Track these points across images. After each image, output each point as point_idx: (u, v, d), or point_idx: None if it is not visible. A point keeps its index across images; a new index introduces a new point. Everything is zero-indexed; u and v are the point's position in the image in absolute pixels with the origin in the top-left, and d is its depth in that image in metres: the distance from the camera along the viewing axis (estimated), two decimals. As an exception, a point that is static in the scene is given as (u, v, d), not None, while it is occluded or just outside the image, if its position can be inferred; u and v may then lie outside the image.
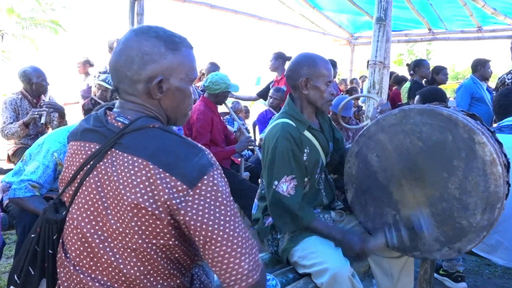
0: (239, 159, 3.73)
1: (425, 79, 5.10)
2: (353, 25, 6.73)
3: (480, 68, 4.71)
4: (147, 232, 0.95)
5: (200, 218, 0.92)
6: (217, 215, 0.93)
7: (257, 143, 3.89)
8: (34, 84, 3.36)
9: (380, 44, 2.38)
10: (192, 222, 0.92)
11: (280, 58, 4.76)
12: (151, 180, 0.92)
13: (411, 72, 5.17)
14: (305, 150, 1.76)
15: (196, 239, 0.94)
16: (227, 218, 0.94)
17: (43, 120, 3.21)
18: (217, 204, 0.93)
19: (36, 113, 3.16)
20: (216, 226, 0.92)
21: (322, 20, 6.44)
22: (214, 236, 0.92)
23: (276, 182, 1.70)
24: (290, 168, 1.70)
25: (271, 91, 4.69)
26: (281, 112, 1.86)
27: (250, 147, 3.50)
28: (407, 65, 5.58)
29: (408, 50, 24.27)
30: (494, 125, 2.39)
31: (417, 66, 5.09)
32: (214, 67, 5.62)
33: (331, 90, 1.81)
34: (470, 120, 1.53)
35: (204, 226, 0.92)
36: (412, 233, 1.59)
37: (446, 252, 1.60)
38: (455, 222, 1.54)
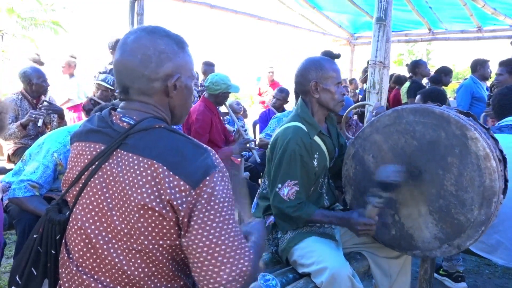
0: (239, 159, 3.73)
1: (431, 78, 5.10)
2: (353, 25, 6.73)
3: (480, 68, 4.72)
4: (154, 233, 0.94)
5: (190, 220, 0.92)
6: (205, 219, 0.91)
7: (256, 143, 3.89)
8: (34, 85, 3.37)
9: (380, 44, 2.38)
10: (186, 222, 0.92)
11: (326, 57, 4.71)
12: (157, 180, 0.92)
13: (410, 74, 5.18)
14: (315, 156, 1.76)
15: (182, 239, 0.94)
16: (214, 224, 0.92)
17: (39, 124, 3.21)
18: (208, 207, 0.92)
19: (34, 116, 3.16)
20: (200, 231, 0.91)
21: (322, 20, 6.44)
22: (197, 241, 0.91)
23: (279, 185, 1.71)
24: (295, 174, 1.70)
25: (275, 91, 4.69)
26: (294, 115, 1.85)
27: (248, 148, 3.50)
28: (407, 65, 5.59)
29: (408, 50, 24.21)
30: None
31: (416, 66, 5.10)
32: (209, 66, 5.64)
33: (341, 90, 1.81)
34: (462, 116, 1.55)
35: (190, 228, 0.92)
36: (385, 188, 1.56)
37: (446, 249, 1.60)
38: (453, 218, 1.55)
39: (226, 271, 0.91)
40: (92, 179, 1.00)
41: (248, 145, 3.41)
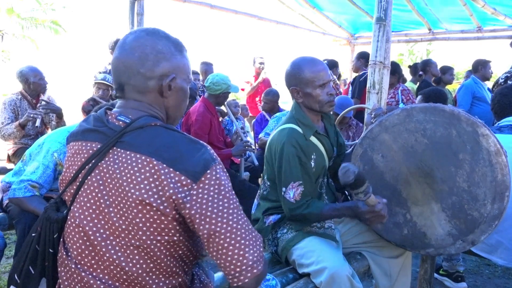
0: (239, 159, 3.73)
1: (435, 78, 5.10)
2: (353, 25, 6.72)
3: (481, 68, 4.74)
4: (152, 229, 0.96)
5: (204, 212, 0.94)
6: (220, 207, 0.95)
7: (256, 144, 3.89)
8: (32, 84, 3.35)
9: (380, 44, 2.38)
10: (197, 216, 0.94)
11: (362, 58, 4.64)
12: (156, 176, 0.94)
13: (420, 72, 5.17)
14: (312, 157, 1.75)
15: (200, 233, 0.96)
16: (230, 211, 0.96)
17: (37, 123, 3.20)
18: (220, 197, 0.95)
19: (32, 115, 3.15)
20: (219, 219, 0.94)
21: (322, 20, 6.43)
22: (218, 229, 0.94)
23: (284, 189, 1.71)
24: (297, 175, 1.69)
25: (262, 95, 4.65)
26: (289, 117, 1.84)
27: (247, 150, 3.50)
28: (409, 66, 5.58)
29: (408, 50, 24.19)
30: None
31: (428, 65, 5.10)
32: (207, 66, 5.64)
33: (327, 91, 1.75)
34: (471, 115, 1.57)
35: (208, 219, 0.94)
36: (352, 185, 1.44)
37: (460, 246, 1.61)
38: (466, 214, 1.57)
39: (250, 252, 0.96)
40: (89, 178, 1.02)
41: (246, 147, 3.41)
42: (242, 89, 6.11)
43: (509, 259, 1.91)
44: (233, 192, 1.00)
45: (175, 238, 0.98)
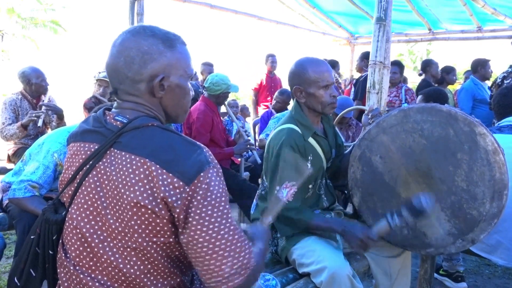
0: (239, 159, 3.73)
1: (435, 79, 5.09)
2: (353, 25, 6.73)
3: (480, 68, 4.68)
4: (147, 231, 0.95)
5: (187, 217, 0.92)
6: (203, 215, 0.92)
7: (257, 143, 3.89)
8: (34, 85, 3.37)
9: (380, 44, 2.38)
10: (181, 220, 0.93)
11: (365, 58, 4.64)
12: (150, 178, 0.93)
13: (421, 72, 5.16)
14: (309, 158, 1.75)
15: (181, 236, 0.94)
16: (212, 219, 0.92)
17: (40, 123, 3.21)
18: (205, 203, 0.92)
19: (34, 115, 3.16)
20: (199, 227, 0.92)
21: (322, 20, 6.44)
22: (196, 236, 0.92)
23: (277, 187, 1.70)
24: (292, 175, 1.67)
25: (275, 93, 4.65)
26: (288, 117, 1.83)
27: (249, 149, 3.50)
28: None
29: (408, 50, 24.24)
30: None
31: (428, 65, 5.08)
32: (208, 66, 5.65)
33: (330, 92, 1.75)
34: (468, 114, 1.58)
35: (189, 225, 0.92)
36: (414, 212, 1.46)
37: (460, 244, 1.62)
38: (466, 213, 1.57)
39: (228, 264, 0.93)
40: (86, 179, 1.01)
41: (248, 146, 3.41)
42: (255, 89, 6.10)
43: (509, 259, 1.91)
44: (224, 199, 0.96)
45: (171, 239, 0.97)
